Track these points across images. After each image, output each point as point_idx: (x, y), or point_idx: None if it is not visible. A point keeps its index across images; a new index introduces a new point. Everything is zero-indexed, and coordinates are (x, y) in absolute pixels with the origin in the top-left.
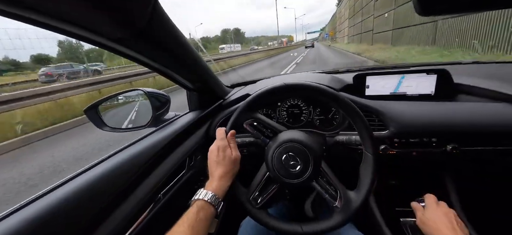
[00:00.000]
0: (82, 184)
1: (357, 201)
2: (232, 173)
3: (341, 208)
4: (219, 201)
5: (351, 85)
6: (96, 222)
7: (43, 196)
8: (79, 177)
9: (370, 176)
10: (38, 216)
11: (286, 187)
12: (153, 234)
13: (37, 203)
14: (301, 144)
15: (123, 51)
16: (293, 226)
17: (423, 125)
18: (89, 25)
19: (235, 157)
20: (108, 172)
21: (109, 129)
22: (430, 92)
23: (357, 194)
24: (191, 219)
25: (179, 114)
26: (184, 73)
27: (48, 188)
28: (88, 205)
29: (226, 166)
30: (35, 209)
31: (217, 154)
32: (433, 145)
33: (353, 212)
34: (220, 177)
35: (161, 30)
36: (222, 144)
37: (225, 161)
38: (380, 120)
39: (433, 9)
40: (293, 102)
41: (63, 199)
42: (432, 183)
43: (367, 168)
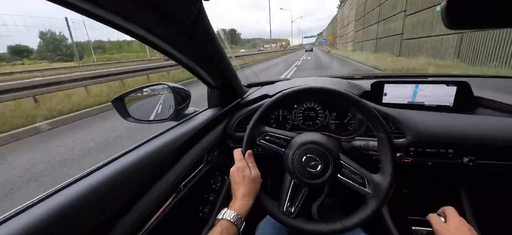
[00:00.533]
0: (109, 174)
1: (385, 182)
2: (253, 192)
3: (373, 194)
4: (241, 221)
5: (368, 92)
6: (124, 210)
7: (69, 185)
8: (106, 167)
9: (390, 157)
10: (64, 206)
11: (310, 188)
12: (174, 221)
13: (63, 192)
14: (319, 145)
15: (163, 47)
16: (334, 225)
17: (441, 136)
18: (140, 21)
19: (254, 176)
20: (135, 162)
21: (133, 119)
22: (448, 104)
23: (383, 176)
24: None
25: (198, 110)
26: (211, 71)
27: (74, 178)
28: (115, 195)
29: (247, 186)
30: (61, 199)
31: (237, 175)
32: (449, 156)
33: (386, 195)
34: (242, 196)
35: (201, 31)
36: (240, 165)
37: (245, 180)
38: (397, 128)
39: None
40: (309, 105)
41: (90, 189)
42: (446, 194)
43: (384, 150)
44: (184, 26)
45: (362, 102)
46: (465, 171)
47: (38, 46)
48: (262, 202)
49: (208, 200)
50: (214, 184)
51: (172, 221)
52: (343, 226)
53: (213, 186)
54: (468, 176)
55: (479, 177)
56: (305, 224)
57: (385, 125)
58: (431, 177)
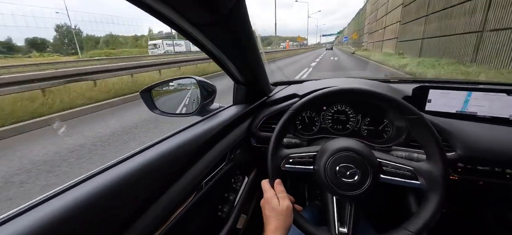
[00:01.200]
0: (135, 167)
1: (438, 169)
2: (285, 226)
3: (428, 185)
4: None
5: (409, 97)
6: (146, 204)
7: (89, 178)
8: (129, 161)
9: (432, 137)
10: (88, 197)
11: (353, 200)
12: (194, 219)
13: (85, 185)
14: (351, 150)
15: (196, 37)
16: (400, 233)
17: (497, 152)
18: (178, 6)
19: (283, 207)
20: (159, 157)
21: (159, 112)
22: (508, 116)
23: (432, 162)
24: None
25: (223, 106)
26: (241, 65)
27: (93, 171)
28: (137, 189)
29: (277, 219)
30: (82, 192)
31: (267, 208)
32: (506, 177)
33: (443, 183)
34: (272, 232)
35: (238, 21)
36: (268, 195)
37: (274, 213)
38: (444, 140)
39: None
40: (340, 108)
41: (111, 183)
42: (498, 222)
43: (423, 132)
44: (221, 14)
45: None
46: None
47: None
48: (308, 231)
49: (228, 199)
50: (235, 183)
51: (192, 219)
52: (411, 233)
53: (233, 185)
54: None
55: None
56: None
57: (412, 107)
58: (481, 199)
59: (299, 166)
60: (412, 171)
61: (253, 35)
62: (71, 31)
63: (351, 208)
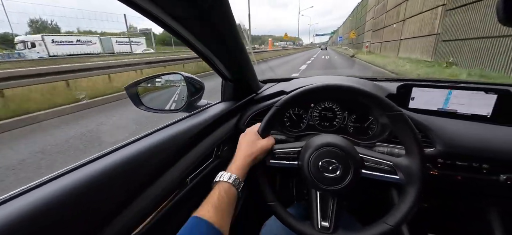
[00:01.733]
0: (115, 162)
1: (416, 164)
2: (254, 155)
3: (406, 180)
4: (240, 181)
5: (394, 95)
6: (127, 201)
7: (76, 169)
8: (112, 154)
9: (411, 133)
10: (70, 189)
11: (335, 195)
12: (178, 216)
13: (66, 177)
14: (333, 146)
15: (179, 31)
16: (378, 227)
17: (476, 148)
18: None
19: (263, 143)
20: (144, 150)
21: (145, 108)
22: (486, 114)
23: (410, 157)
24: (213, 198)
25: (211, 103)
26: (227, 62)
27: (76, 164)
28: (120, 183)
29: (250, 148)
30: (65, 183)
31: (248, 138)
32: (483, 172)
33: (421, 178)
34: (241, 157)
35: (220, 16)
36: (249, 130)
37: (249, 144)
38: (425, 136)
39: None
40: (327, 105)
41: (95, 175)
42: (473, 213)
43: (402, 128)
44: (201, 8)
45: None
46: (500, 190)
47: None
48: (291, 225)
49: None
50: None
51: (176, 215)
52: (390, 226)
53: None
54: (503, 196)
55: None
56: (348, 234)
57: (392, 104)
58: (458, 193)
59: (284, 161)
60: (392, 166)
61: (237, 32)
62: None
63: (333, 203)
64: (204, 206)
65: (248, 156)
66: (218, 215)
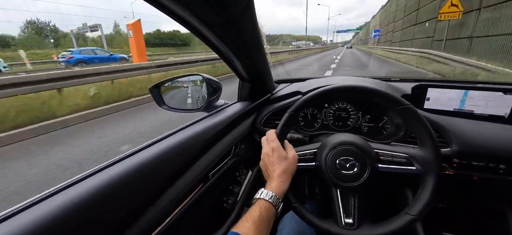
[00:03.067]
0: (142, 161)
1: (431, 154)
2: (290, 171)
3: (424, 169)
4: (279, 201)
5: (408, 95)
6: (156, 195)
7: (104, 169)
8: (138, 154)
9: (422, 125)
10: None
11: (355, 191)
12: (200, 209)
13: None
14: (349, 144)
15: (205, 34)
16: (402, 218)
17: (492, 148)
18: (193, 6)
19: (291, 156)
20: (167, 151)
21: (167, 107)
22: (504, 114)
23: (424, 148)
24: (255, 217)
25: (228, 103)
26: (246, 63)
27: (105, 163)
28: (148, 181)
29: (283, 165)
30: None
31: (272, 155)
32: (500, 172)
33: (438, 167)
34: (279, 176)
35: (248, 21)
36: (275, 145)
37: (281, 160)
38: (441, 136)
39: None
40: (341, 105)
41: (122, 174)
42: (489, 215)
43: (413, 121)
44: (233, 15)
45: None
46: None
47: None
48: (315, 224)
49: (232, 191)
50: (239, 177)
51: (198, 209)
52: (412, 216)
53: (238, 178)
54: None
55: None
56: (372, 229)
57: (401, 99)
58: (474, 193)
59: (301, 163)
60: (407, 157)
61: (260, 35)
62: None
63: (354, 199)
64: (244, 223)
65: (285, 172)
66: (257, 233)
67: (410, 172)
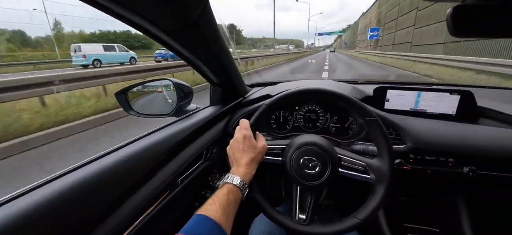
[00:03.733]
0: (107, 165)
1: (386, 165)
2: (257, 160)
3: (377, 179)
4: (246, 186)
5: (371, 97)
6: (119, 201)
7: (67, 173)
8: (106, 157)
9: (383, 138)
10: (61, 194)
11: (313, 190)
12: (169, 216)
13: (59, 181)
14: (314, 145)
15: (168, 42)
16: (349, 221)
17: (442, 144)
18: (147, 14)
19: (261, 146)
20: (134, 155)
21: (135, 113)
22: (451, 113)
23: (381, 160)
24: (222, 199)
25: (200, 107)
26: (214, 68)
27: (72, 167)
28: (112, 186)
29: (251, 154)
30: (54, 189)
31: (243, 143)
32: (449, 165)
33: (390, 178)
34: (247, 164)
35: (207, 26)
36: (247, 133)
37: (251, 149)
38: (398, 134)
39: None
40: (310, 107)
41: (85, 179)
42: (444, 204)
43: (376, 133)
44: (189, 21)
45: (366, 108)
46: (464, 181)
47: None
48: (272, 216)
49: (204, 196)
50: (212, 181)
51: (167, 215)
52: (359, 220)
53: (210, 183)
54: (467, 186)
55: (479, 187)
56: (320, 228)
57: (370, 110)
58: (430, 185)
59: (269, 156)
60: (365, 166)
61: (222, 40)
62: None
63: (311, 197)
64: (211, 205)
65: (254, 161)
66: (225, 217)
67: (365, 180)
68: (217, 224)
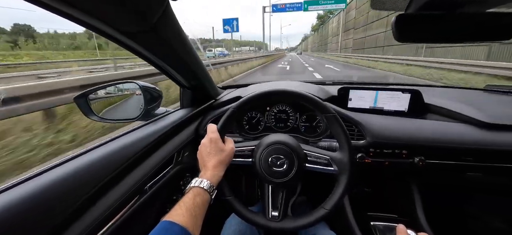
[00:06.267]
0: (69, 171)
1: (345, 157)
2: (225, 163)
3: (339, 170)
4: (214, 188)
5: (335, 97)
6: (82, 209)
7: (28, 180)
8: (67, 164)
9: (342, 132)
10: (21, 202)
11: (283, 187)
12: (138, 223)
13: (22, 186)
14: (280, 143)
15: (130, 45)
16: (318, 213)
17: (396, 138)
18: (103, 16)
19: (229, 148)
20: (97, 161)
21: (97, 118)
22: (404, 109)
23: (342, 152)
24: (188, 203)
25: (170, 111)
26: (182, 71)
27: (34, 172)
28: (74, 192)
29: (219, 156)
30: (15, 195)
31: (210, 146)
32: (403, 157)
33: (350, 167)
34: (214, 166)
35: (169, 29)
36: (214, 136)
37: (218, 152)
38: (359, 130)
39: (409, 37)
40: (281, 108)
41: (49, 185)
42: (401, 191)
43: (336, 128)
44: (149, 23)
45: (327, 107)
46: (416, 170)
47: None
48: (246, 217)
49: (176, 201)
50: (184, 185)
51: (136, 222)
52: (327, 210)
53: (182, 187)
54: (419, 174)
55: (427, 175)
56: (292, 222)
57: (329, 107)
58: (389, 176)
59: (240, 158)
60: (328, 159)
61: (188, 42)
62: None
63: (282, 194)
64: (177, 210)
65: (221, 164)
66: (192, 220)
67: (329, 172)
68: (183, 229)
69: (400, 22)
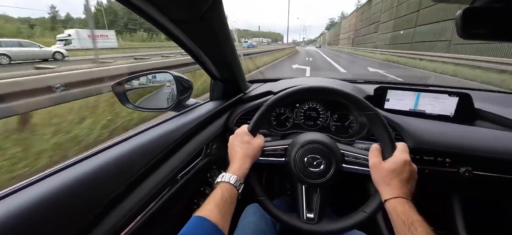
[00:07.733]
0: (107, 159)
1: (389, 155)
2: (251, 156)
3: None
4: (241, 183)
5: (371, 96)
6: (116, 200)
7: (69, 166)
8: (105, 152)
9: (385, 130)
10: (62, 189)
11: (320, 188)
12: (169, 211)
13: (62, 174)
14: (318, 143)
15: (176, 34)
16: (357, 215)
17: (439, 144)
18: (158, 1)
19: (256, 143)
20: (130, 151)
21: (132, 106)
22: (449, 114)
23: (385, 152)
24: (217, 199)
25: (200, 102)
26: (218, 63)
27: (67, 162)
28: (109, 182)
29: (244, 149)
30: (53, 184)
31: (237, 139)
32: (446, 165)
33: None
34: (240, 158)
35: (215, 19)
36: (241, 131)
37: (243, 143)
38: (398, 134)
39: (476, 34)
40: (311, 105)
41: (83, 175)
42: (440, 201)
43: (378, 127)
44: (200, 12)
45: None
46: (460, 181)
47: None
48: (279, 218)
49: (203, 193)
50: (211, 178)
51: (167, 212)
52: (367, 214)
53: (209, 180)
54: (463, 186)
55: (473, 188)
56: (330, 225)
57: (371, 105)
58: (427, 184)
59: (272, 158)
60: (368, 160)
61: (230, 34)
62: None
63: (318, 196)
64: (207, 206)
65: (247, 157)
66: (221, 216)
67: (369, 173)
68: (214, 225)
69: (467, 16)
